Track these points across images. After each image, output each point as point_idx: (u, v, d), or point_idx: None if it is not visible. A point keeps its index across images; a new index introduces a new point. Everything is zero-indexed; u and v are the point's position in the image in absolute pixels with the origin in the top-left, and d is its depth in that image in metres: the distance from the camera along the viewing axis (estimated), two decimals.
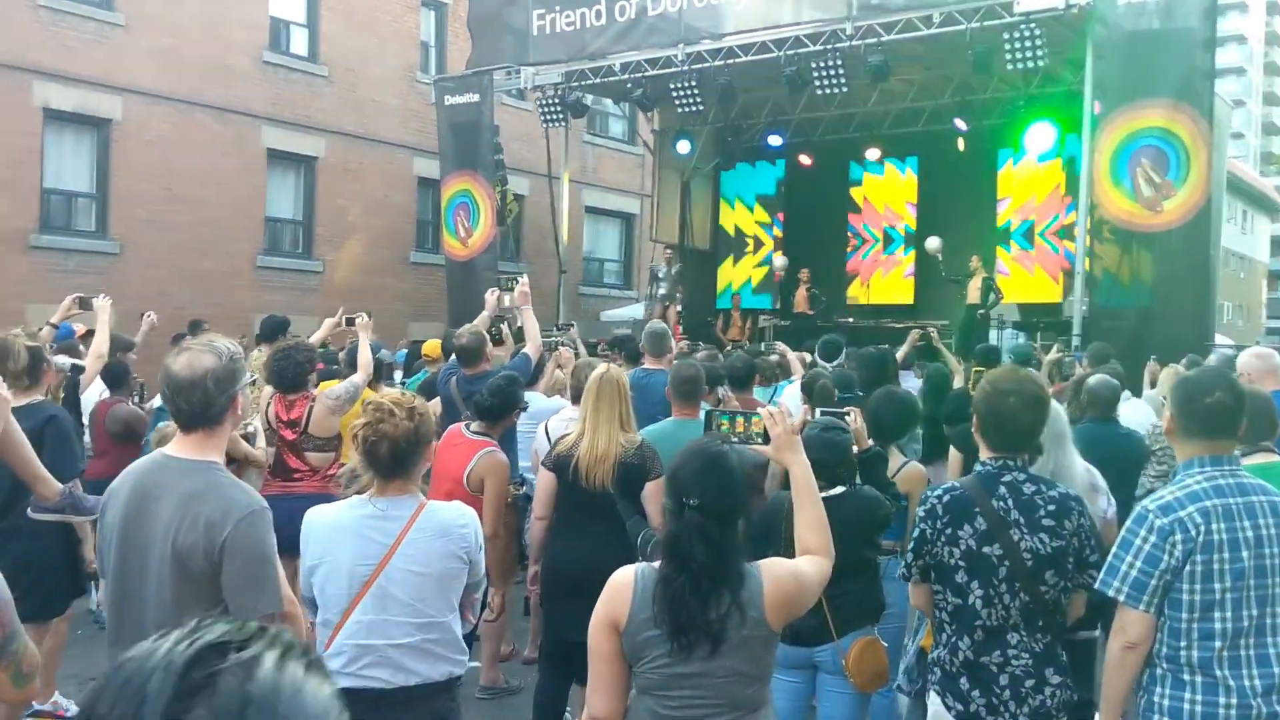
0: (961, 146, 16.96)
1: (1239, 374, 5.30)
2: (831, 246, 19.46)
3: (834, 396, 6.08)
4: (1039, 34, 12.14)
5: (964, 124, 16.50)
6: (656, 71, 15.17)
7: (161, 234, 16.30)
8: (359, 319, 7.06)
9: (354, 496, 3.36)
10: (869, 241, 19.51)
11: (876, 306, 18.73)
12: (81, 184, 16.04)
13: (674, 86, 14.95)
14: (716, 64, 14.62)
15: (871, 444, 4.65)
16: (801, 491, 3.02)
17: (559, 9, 15.70)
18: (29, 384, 4.59)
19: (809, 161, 19.17)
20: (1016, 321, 15.77)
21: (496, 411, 5.54)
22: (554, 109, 16.47)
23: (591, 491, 4.82)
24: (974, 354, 9.54)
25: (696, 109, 15.40)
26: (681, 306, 17.83)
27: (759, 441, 3.08)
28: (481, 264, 16.86)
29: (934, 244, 15.42)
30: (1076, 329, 12.42)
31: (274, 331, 8.46)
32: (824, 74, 13.62)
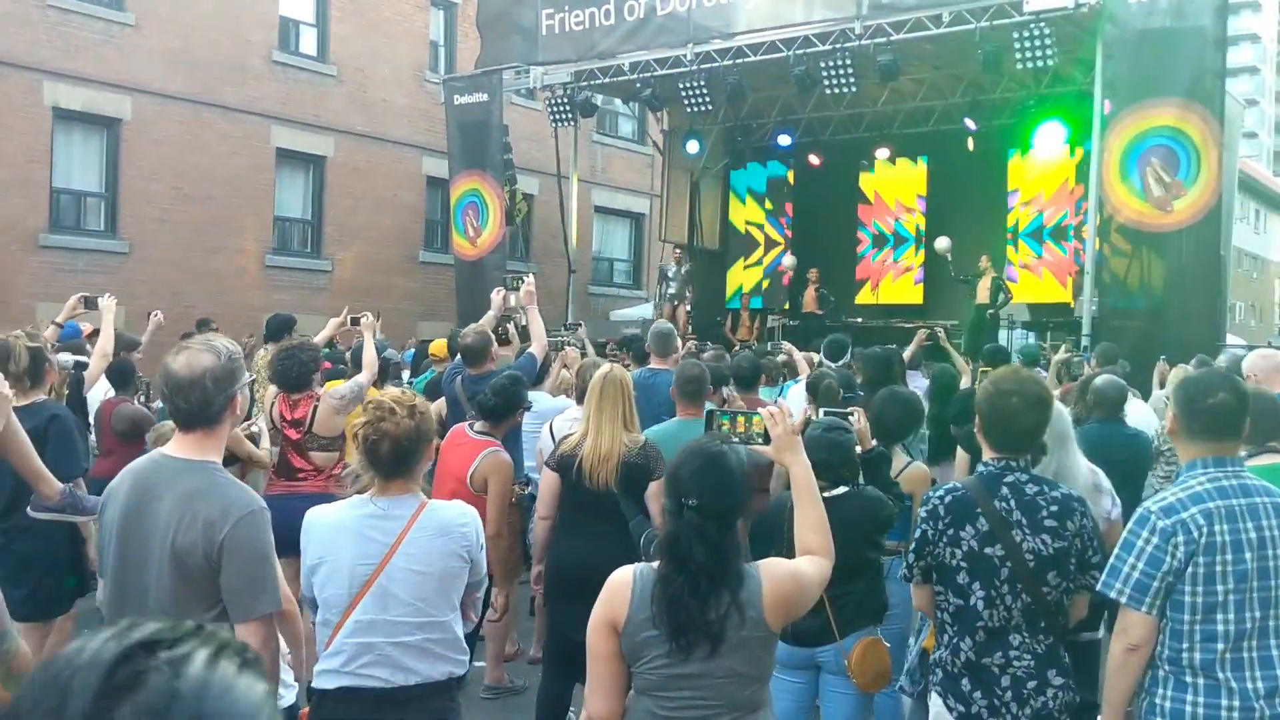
0: (971, 146, 16.92)
1: (1245, 375, 5.26)
2: (841, 246, 19.44)
3: (838, 396, 6.07)
4: (1049, 33, 12.12)
5: (973, 124, 16.47)
6: (666, 71, 15.18)
7: (171, 233, 16.37)
8: (364, 318, 7.08)
9: (354, 496, 3.35)
10: (880, 241, 19.46)
11: (886, 306, 18.70)
12: (91, 183, 16.11)
13: (683, 86, 14.95)
14: (725, 63, 14.61)
15: (875, 444, 4.63)
16: (801, 492, 3.00)
17: (568, 8, 15.68)
18: (30, 385, 4.60)
19: (818, 161, 19.13)
20: (1026, 321, 15.73)
21: (500, 411, 5.54)
22: (563, 108, 16.48)
23: (595, 491, 4.81)
24: (981, 354, 9.50)
25: (706, 109, 15.42)
26: (691, 306, 17.82)
27: (759, 441, 3.06)
28: (490, 263, 16.85)
29: (943, 244, 15.40)
30: (1086, 329, 12.36)
31: (280, 330, 8.49)
32: (833, 73, 13.61)
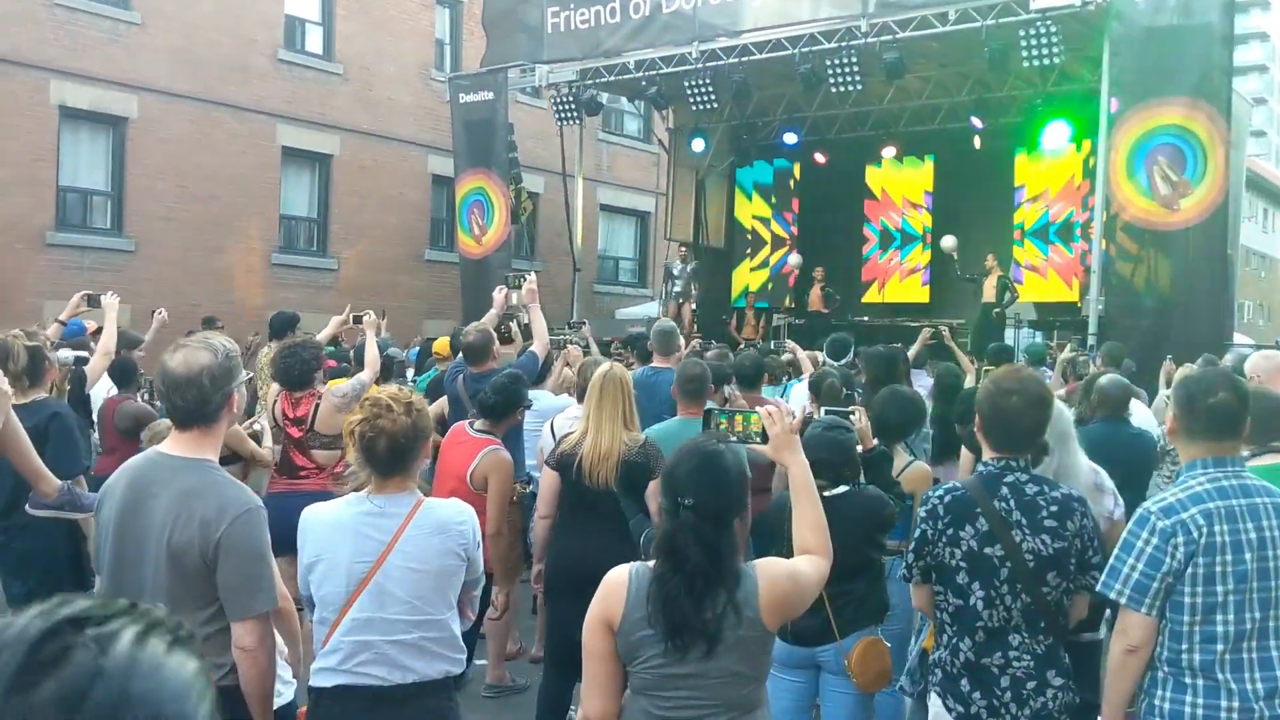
0: (977, 144, 16.86)
1: (1248, 376, 5.23)
2: (847, 244, 19.41)
3: (841, 395, 6.05)
4: (1055, 31, 12.06)
5: (980, 122, 16.40)
6: (671, 69, 15.14)
7: (177, 231, 16.40)
8: (366, 316, 7.08)
9: (351, 494, 3.34)
10: (886, 239, 19.43)
11: (891, 305, 18.68)
12: (97, 182, 16.15)
13: (689, 84, 14.93)
14: (731, 61, 14.60)
15: (876, 443, 4.61)
16: (800, 491, 2.98)
17: (573, 6, 15.66)
18: (30, 383, 4.60)
19: (824, 159, 19.09)
20: (1033, 320, 15.67)
21: (500, 409, 5.53)
22: (568, 107, 16.46)
23: (595, 490, 4.80)
24: (985, 353, 9.47)
25: (711, 107, 15.39)
26: (696, 305, 17.81)
27: (757, 440, 3.04)
28: (496, 262, 16.86)
29: (949, 242, 15.35)
30: (1093, 328, 12.33)
31: (283, 327, 8.49)
32: (839, 71, 13.57)
